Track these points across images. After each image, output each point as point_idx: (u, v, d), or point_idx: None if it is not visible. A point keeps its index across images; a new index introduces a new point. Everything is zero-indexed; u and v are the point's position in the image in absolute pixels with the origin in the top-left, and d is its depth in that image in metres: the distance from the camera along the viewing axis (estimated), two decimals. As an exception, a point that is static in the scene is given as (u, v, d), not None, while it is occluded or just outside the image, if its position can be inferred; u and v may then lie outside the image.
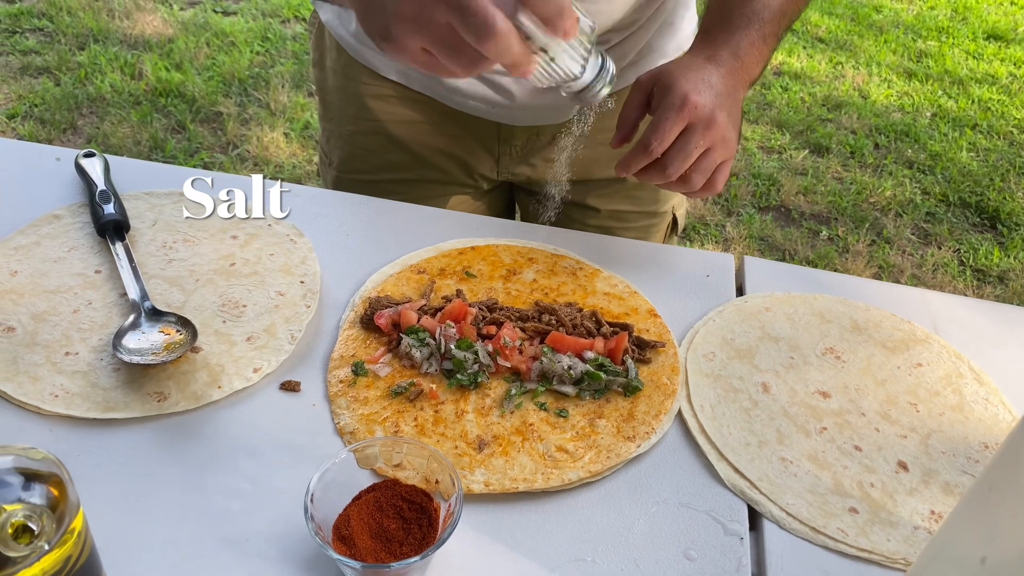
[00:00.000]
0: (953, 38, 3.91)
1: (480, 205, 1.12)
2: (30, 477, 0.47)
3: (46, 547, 0.45)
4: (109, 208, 0.86)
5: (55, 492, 0.47)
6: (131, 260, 0.81)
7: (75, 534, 0.47)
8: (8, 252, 0.83)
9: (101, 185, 0.89)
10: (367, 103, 1.03)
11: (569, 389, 0.74)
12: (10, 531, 0.44)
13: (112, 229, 0.85)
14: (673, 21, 1.03)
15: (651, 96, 0.82)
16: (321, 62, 1.07)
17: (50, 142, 2.65)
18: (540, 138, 1.04)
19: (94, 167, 0.92)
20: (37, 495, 0.46)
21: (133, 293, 0.78)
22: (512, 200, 1.18)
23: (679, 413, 0.74)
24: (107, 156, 0.95)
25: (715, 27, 0.87)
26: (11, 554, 0.44)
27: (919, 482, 0.70)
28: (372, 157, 1.06)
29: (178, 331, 0.74)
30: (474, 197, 1.11)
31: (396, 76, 1.01)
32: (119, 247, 0.83)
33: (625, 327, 0.80)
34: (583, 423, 0.72)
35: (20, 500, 0.46)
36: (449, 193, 1.08)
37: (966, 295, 2.44)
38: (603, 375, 0.74)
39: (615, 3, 0.92)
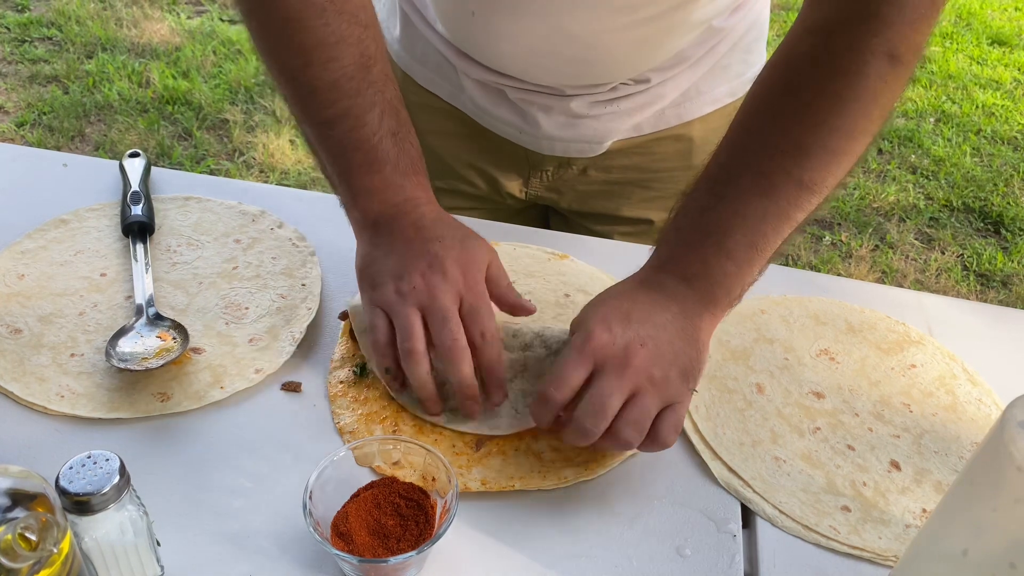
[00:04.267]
0: (957, 43, 3.92)
1: (512, 224, 1.11)
2: (19, 499, 0.48)
3: (53, 550, 0.46)
4: (137, 210, 0.88)
5: (43, 511, 0.48)
6: (147, 263, 0.83)
7: (62, 555, 0.48)
8: (16, 256, 0.85)
9: (135, 186, 0.92)
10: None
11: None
12: (18, 539, 0.45)
13: (136, 230, 0.87)
14: (729, 64, 0.96)
15: None
16: None
17: (58, 149, 2.68)
18: (571, 168, 1.02)
19: (135, 168, 0.95)
20: (29, 515, 0.47)
21: (140, 296, 0.79)
22: (547, 224, 1.15)
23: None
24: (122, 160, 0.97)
25: (664, 242, 0.72)
26: (16, 564, 0.45)
27: (911, 481, 0.71)
28: None
29: (174, 338, 0.75)
30: (506, 215, 1.09)
31: (428, 86, 1.00)
32: (139, 248, 0.85)
33: None
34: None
35: (7, 520, 0.46)
36: (480, 207, 1.07)
37: (969, 300, 2.44)
38: None
39: (614, 56, 0.87)
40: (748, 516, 0.69)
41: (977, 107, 3.41)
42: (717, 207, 0.69)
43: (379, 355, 0.72)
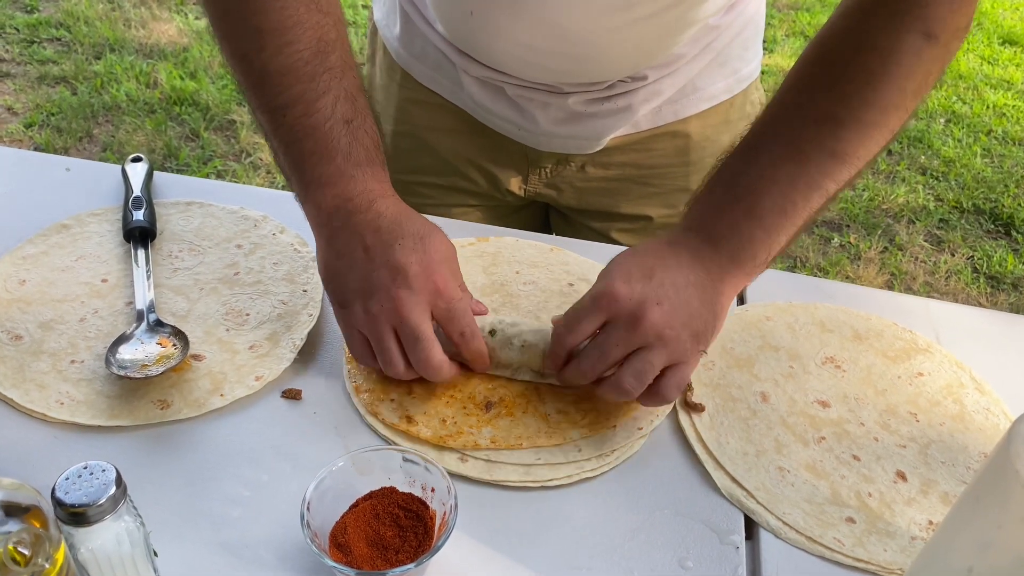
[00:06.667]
0: (967, 43, 3.89)
1: (512, 221, 1.10)
2: (12, 511, 0.48)
3: (45, 564, 0.46)
4: (139, 215, 0.88)
5: (36, 523, 0.47)
6: (149, 269, 0.83)
7: (56, 567, 0.48)
8: (17, 261, 0.85)
9: (137, 191, 0.91)
10: (405, 106, 1.03)
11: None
12: (10, 553, 0.45)
13: (137, 236, 0.86)
14: (725, 61, 0.96)
15: None
16: (372, 58, 1.08)
17: (66, 150, 2.69)
18: (569, 165, 1.02)
19: (137, 172, 0.95)
20: (22, 528, 0.47)
21: (141, 302, 0.79)
22: (547, 221, 1.16)
23: (678, 423, 0.75)
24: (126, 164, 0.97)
25: (696, 202, 0.74)
26: None
27: (917, 492, 0.70)
28: (407, 158, 1.06)
29: (174, 344, 0.75)
30: (505, 212, 1.10)
31: (428, 83, 1.01)
32: (140, 254, 0.84)
33: None
34: (584, 387, 0.74)
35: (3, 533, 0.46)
36: (479, 204, 1.08)
37: (980, 302, 2.43)
38: None
39: (608, 58, 0.88)
40: (751, 527, 0.68)
41: (988, 107, 3.38)
42: (749, 172, 0.71)
43: (367, 367, 0.75)
